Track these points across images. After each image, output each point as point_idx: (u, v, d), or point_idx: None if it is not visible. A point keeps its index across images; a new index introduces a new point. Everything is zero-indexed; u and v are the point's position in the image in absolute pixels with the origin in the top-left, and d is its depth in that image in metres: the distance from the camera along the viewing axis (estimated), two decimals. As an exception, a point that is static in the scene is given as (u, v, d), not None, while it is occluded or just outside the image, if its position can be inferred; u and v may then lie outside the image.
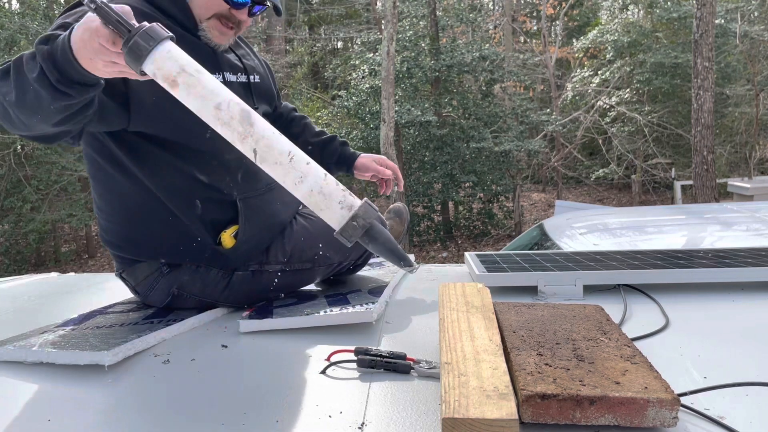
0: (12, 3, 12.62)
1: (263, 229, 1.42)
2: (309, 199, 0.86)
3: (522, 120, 11.98)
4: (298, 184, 0.85)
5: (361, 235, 0.86)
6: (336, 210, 0.85)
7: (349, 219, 0.85)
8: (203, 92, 0.85)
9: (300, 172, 0.86)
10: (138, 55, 0.85)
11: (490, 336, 0.93)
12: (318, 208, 0.86)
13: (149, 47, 0.84)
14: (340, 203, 0.85)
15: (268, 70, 1.67)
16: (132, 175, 1.32)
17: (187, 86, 0.84)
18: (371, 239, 0.87)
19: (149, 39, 0.85)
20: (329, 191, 0.85)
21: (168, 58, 0.86)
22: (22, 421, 0.87)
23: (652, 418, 0.72)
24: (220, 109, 0.85)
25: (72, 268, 11.21)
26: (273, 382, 0.97)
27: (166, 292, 1.40)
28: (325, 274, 1.54)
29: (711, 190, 8.55)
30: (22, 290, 1.90)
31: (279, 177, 0.86)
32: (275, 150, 0.85)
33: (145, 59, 0.85)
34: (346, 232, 0.85)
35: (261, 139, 0.85)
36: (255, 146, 0.85)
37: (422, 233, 11.80)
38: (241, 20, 1.37)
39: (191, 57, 1.33)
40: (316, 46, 18.54)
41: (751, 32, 12.17)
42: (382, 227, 0.89)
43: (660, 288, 1.43)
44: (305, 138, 1.76)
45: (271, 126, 0.89)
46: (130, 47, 0.85)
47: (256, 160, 0.85)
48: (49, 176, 10.32)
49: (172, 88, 0.85)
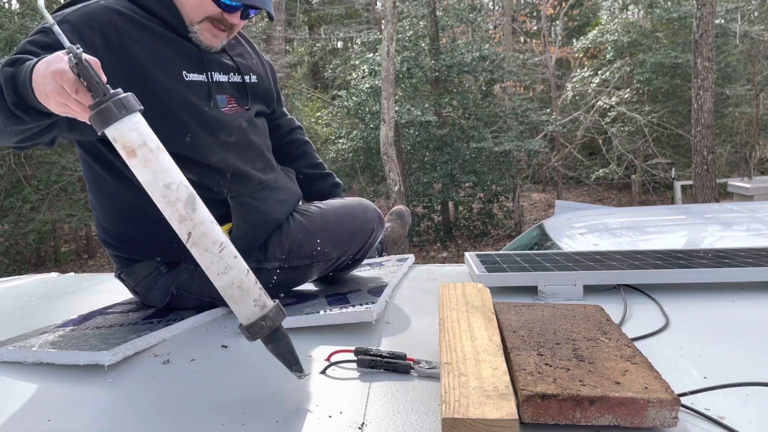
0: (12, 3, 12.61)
1: (257, 226, 1.41)
2: (227, 291, 0.90)
3: (522, 120, 11.98)
4: (221, 274, 0.89)
5: (266, 334, 0.91)
6: (249, 306, 0.90)
7: (258, 318, 0.90)
8: (158, 168, 0.87)
9: (226, 264, 0.90)
10: (106, 119, 0.85)
11: (490, 336, 0.93)
12: (232, 300, 0.90)
13: (119, 116, 0.85)
14: (255, 301, 0.90)
15: (270, 70, 1.65)
16: (122, 176, 1.32)
17: (144, 159, 0.87)
18: (273, 340, 0.92)
19: (122, 108, 0.85)
20: (248, 287, 0.90)
21: (133, 129, 0.86)
22: (22, 421, 0.87)
23: (652, 418, 0.72)
24: (169, 188, 0.88)
25: (72, 268, 11.21)
26: (273, 382, 0.97)
27: (165, 292, 1.40)
28: (324, 270, 1.54)
29: (711, 190, 8.55)
30: (22, 290, 1.90)
31: (205, 263, 0.90)
32: (209, 239, 0.89)
33: (111, 125, 0.85)
34: (252, 328, 0.90)
35: (199, 225, 0.89)
36: (191, 230, 0.88)
37: (422, 233, 11.80)
38: (233, 23, 1.36)
39: (177, 58, 1.34)
40: (316, 46, 18.54)
41: (751, 32, 12.17)
42: (285, 332, 0.93)
43: (660, 288, 1.43)
44: (298, 166, 1.73)
45: (211, 216, 0.91)
46: (101, 110, 0.85)
47: (187, 243, 0.88)
48: (49, 176, 10.31)
49: (129, 158, 0.87)
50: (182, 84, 1.33)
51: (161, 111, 1.28)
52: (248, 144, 1.44)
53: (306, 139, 1.80)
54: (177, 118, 1.31)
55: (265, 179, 1.46)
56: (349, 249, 1.54)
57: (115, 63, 1.25)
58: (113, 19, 1.27)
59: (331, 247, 1.49)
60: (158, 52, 1.31)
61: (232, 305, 0.91)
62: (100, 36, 1.25)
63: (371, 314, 1.21)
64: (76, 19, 1.24)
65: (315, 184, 1.75)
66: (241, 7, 1.33)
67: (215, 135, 1.36)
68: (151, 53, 1.29)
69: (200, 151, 1.33)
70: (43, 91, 0.95)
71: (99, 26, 1.25)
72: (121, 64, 1.26)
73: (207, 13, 1.32)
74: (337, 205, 1.59)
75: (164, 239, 1.36)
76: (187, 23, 1.35)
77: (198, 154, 1.33)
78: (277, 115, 1.71)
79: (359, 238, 1.56)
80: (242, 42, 1.58)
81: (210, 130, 1.35)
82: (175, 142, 1.29)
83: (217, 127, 1.37)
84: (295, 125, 1.78)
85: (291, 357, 0.93)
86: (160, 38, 1.32)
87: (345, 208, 1.58)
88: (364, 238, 1.58)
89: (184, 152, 1.31)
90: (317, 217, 1.52)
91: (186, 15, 1.34)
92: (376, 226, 1.61)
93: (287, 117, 1.76)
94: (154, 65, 1.29)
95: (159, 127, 1.27)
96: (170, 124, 1.29)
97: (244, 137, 1.42)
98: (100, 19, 1.26)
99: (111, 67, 1.24)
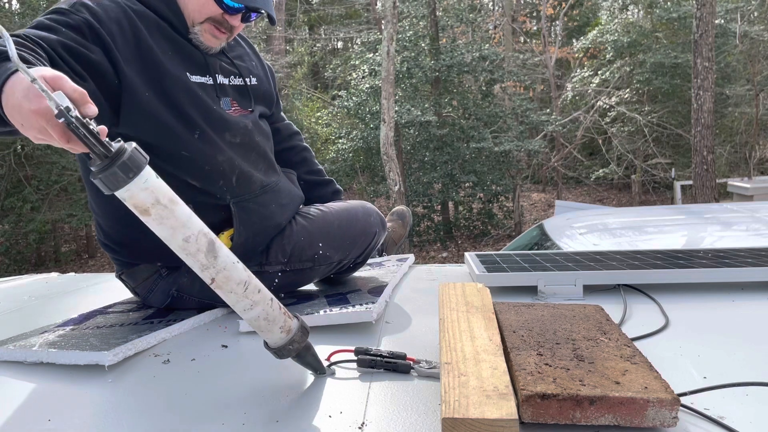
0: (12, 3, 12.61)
1: (259, 231, 1.41)
2: (254, 323, 0.92)
3: (522, 120, 11.97)
4: (247, 310, 0.91)
5: (293, 355, 0.95)
6: (276, 333, 0.93)
7: (285, 343, 0.93)
8: (174, 224, 0.84)
9: (251, 301, 0.91)
10: (113, 184, 0.77)
11: (490, 336, 0.93)
12: (260, 330, 0.93)
13: (128, 179, 0.77)
14: (281, 328, 0.93)
15: (270, 73, 1.65)
16: None
17: (159, 217, 0.83)
18: (299, 356, 0.95)
19: (129, 171, 0.76)
20: (273, 317, 0.93)
21: (143, 190, 0.80)
22: (22, 421, 0.87)
23: (652, 418, 0.72)
24: (188, 242, 0.86)
25: (72, 268, 11.21)
26: (273, 382, 0.97)
27: (166, 293, 1.40)
28: (325, 273, 1.54)
29: (711, 190, 8.54)
30: (22, 290, 1.90)
31: (231, 302, 0.91)
32: (233, 281, 0.89)
33: (119, 189, 0.77)
34: (280, 351, 0.93)
35: (221, 270, 0.89)
36: (215, 276, 0.88)
37: (422, 233, 11.79)
38: (234, 26, 1.36)
39: (182, 61, 1.34)
40: (316, 46, 18.54)
41: (751, 32, 12.17)
42: (310, 344, 0.96)
43: (660, 288, 1.43)
44: (299, 172, 1.72)
45: (232, 255, 0.91)
46: (106, 176, 0.75)
47: (211, 285, 0.89)
48: (49, 176, 10.31)
49: (142, 216, 0.82)
50: (189, 84, 1.33)
51: (173, 106, 1.28)
52: (252, 145, 1.43)
53: (306, 146, 1.80)
54: (187, 114, 1.30)
55: (267, 182, 1.46)
56: (350, 253, 1.54)
57: (131, 54, 1.25)
58: (127, 13, 1.28)
59: (332, 250, 1.49)
60: (166, 50, 1.31)
61: (261, 334, 0.94)
62: (117, 26, 1.25)
63: (371, 314, 1.21)
64: (94, 5, 1.24)
65: (316, 191, 1.74)
66: (243, 8, 1.33)
67: (221, 135, 1.36)
68: (161, 51, 1.30)
69: (208, 150, 1.33)
70: (18, 121, 0.85)
71: (116, 16, 1.26)
72: (136, 56, 1.26)
73: (209, 13, 1.33)
74: (340, 208, 1.58)
75: (164, 245, 1.36)
76: (188, 24, 1.35)
77: (206, 153, 1.32)
78: (275, 119, 1.71)
79: (361, 242, 1.56)
80: (242, 43, 1.58)
81: (216, 129, 1.35)
82: (184, 139, 1.30)
83: (222, 127, 1.37)
84: (294, 130, 1.78)
85: (316, 363, 0.97)
86: (167, 38, 1.33)
87: (347, 211, 1.57)
88: (366, 242, 1.57)
89: (192, 151, 1.31)
90: (319, 221, 1.52)
91: (188, 16, 1.34)
92: (378, 230, 1.61)
93: (285, 122, 1.76)
94: (165, 61, 1.30)
95: (170, 122, 1.29)
96: (181, 120, 1.30)
97: (248, 138, 1.42)
98: (115, 11, 1.27)
99: (127, 57, 1.24)
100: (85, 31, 1.18)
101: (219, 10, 1.32)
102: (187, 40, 1.36)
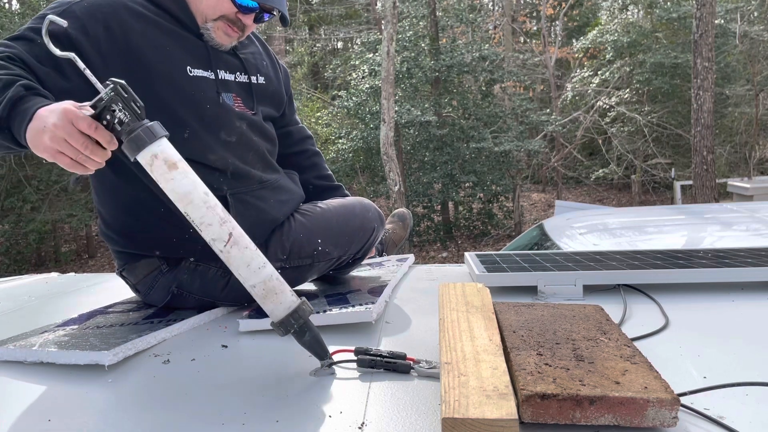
0: (12, 3, 12.61)
1: (255, 225, 1.40)
2: (268, 284, 0.96)
3: (522, 120, 11.98)
4: (261, 268, 0.96)
5: (298, 330, 0.97)
6: (288, 296, 0.97)
7: (293, 311, 0.97)
8: (194, 178, 0.97)
9: (264, 258, 0.98)
10: (151, 136, 0.94)
11: (490, 336, 0.93)
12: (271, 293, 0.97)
13: (162, 133, 0.95)
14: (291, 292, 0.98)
15: (283, 74, 1.65)
16: (123, 170, 1.32)
17: (184, 171, 0.96)
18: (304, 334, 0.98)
19: (161, 128, 0.96)
20: (282, 280, 0.98)
21: (171, 147, 0.97)
22: (22, 421, 0.87)
23: (651, 418, 0.72)
24: (208, 195, 0.97)
25: (72, 268, 11.21)
26: (273, 382, 0.97)
27: (166, 290, 1.40)
28: (324, 269, 1.54)
29: (711, 190, 8.55)
30: (22, 290, 1.90)
31: (245, 260, 0.96)
32: (245, 237, 0.97)
33: (155, 141, 0.94)
34: (285, 324, 0.96)
35: (236, 226, 0.97)
36: (232, 231, 0.96)
37: (422, 233, 11.80)
38: (246, 25, 1.37)
39: (182, 53, 1.37)
40: (316, 46, 18.55)
41: (750, 32, 12.17)
42: (314, 326, 1.00)
43: (660, 288, 1.43)
44: (308, 177, 1.73)
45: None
46: (144, 130, 0.94)
47: (227, 244, 0.95)
48: (49, 176, 10.32)
49: (170, 170, 0.95)
50: (186, 79, 1.33)
51: (160, 106, 1.28)
52: (249, 145, 1.44)
53: (317, 150, 1.80)
54: (176, 114, 1.31)
55: (266, 179, 1.46)
56: (350, 248, 1.54)
57: (117, 56, 1.26)
58: (119, 12, 1.29)
59: (332, 246, 1.50)
60: (162, 46, 1.31)
61: (267, 301, 0.96)
62: (103, 28, 1.26)
63: (371, 314, 1.21)
64: (81, 10, 1.25)
65: (324, 196, 1.73)
66: (257, 8, 1.34)
67: (215, 133, 1.36)
68: (155, 47, 1.30)
69: (198, 150, 1.33)
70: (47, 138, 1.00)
71: (104, 18, 1.27)
72: (122, 57, 1.27)
73: (223, 11, 1.33)
74: (338, 204, 1.59)
75: (163, 232, 1.37)
76: (200, 21, 1.36)
77: (196, 153, 1.32)
78: (287, 121, 1.70)
79: (360, 238, 1.56)
80: (255, 42, 1.58)
81: (210, 128, 1.35)
82: (171, 138, 1.30)
83: (217, 126, 1.37)
84: (306, 134, 1.78)
85: (319, 348, 0.99)
86: (166, 32, 1.33)
87: (345, 207, 1.58)
88: (365, 238, 1.58)
89: (180, 150, 1.31)
90: (318, 217, 1.52)
91: (201, 12, 1.35)
92: (377, 225, 1.61)
93: (299, 125, 1.76)
94: (158, 60, 1.30)
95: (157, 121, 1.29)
96: (168, 120, 1.29)
97: (245, 138, 1.42)
98: (105, 11, 1.27)
99: (112, 60, 1.25)
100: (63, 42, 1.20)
101: (233, 8, 1.33)
102: (194, 34, 1.36)
